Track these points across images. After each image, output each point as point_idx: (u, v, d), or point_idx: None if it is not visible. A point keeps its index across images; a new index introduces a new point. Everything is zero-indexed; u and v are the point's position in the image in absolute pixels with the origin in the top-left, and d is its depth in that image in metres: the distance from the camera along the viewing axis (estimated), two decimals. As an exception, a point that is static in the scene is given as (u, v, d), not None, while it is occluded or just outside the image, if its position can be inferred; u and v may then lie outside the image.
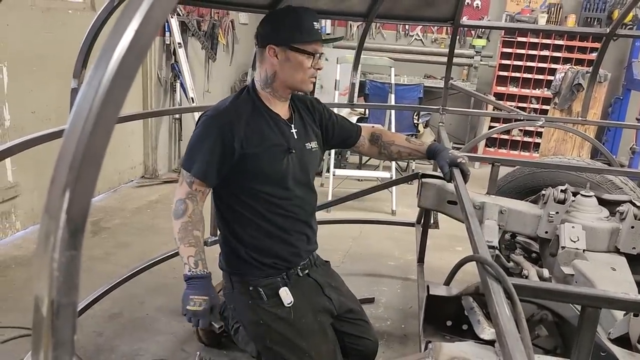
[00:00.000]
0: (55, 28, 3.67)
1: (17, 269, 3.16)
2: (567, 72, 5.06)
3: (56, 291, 0.53)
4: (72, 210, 0.52)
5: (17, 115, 3.42)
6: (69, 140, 0.53)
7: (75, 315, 0.55)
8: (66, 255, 0.53)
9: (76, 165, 0.52)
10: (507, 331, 1.00)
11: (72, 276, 0.53)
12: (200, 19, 5.44)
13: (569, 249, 2.20)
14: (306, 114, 2.16)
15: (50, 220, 0.52)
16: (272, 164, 1.95)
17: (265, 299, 2.05)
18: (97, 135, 0.52)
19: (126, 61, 0.53)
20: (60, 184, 0.52)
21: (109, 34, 0.54)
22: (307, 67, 1.91)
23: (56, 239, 0.52)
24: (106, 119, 0.53)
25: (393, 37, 6.82)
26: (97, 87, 0.52)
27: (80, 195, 0.53)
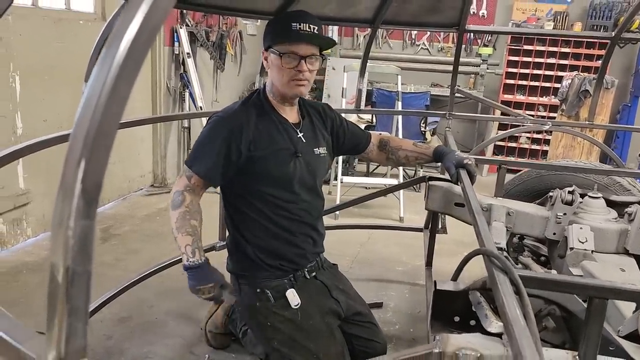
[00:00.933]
0: (67, 38, 3.74)
1: (28, 274, 3.18)
2: (574, 78, 5.06)
3: (71, 259, 0.54)
4: (87, 181, 0.54)
5: (29, 124, 3.47)
6: (83, 114, 0.55)
7: (90, 284, 0.57)
8: (81, 224, 0.54)
9: (90, 138, 0.54)
10: (514, 319, 1.01)
11: (87, 245, 0.55)
12: (208, 29, 5.50)
13: (578, 250, 2.19)
14: (317, 120, 2.17)
15: (66, 190, 0.54)
16: (279, 167, 1.97)
17: (273, 301, 2.06)
18: (110, 110, 0.54)
19: (138, 40, 0.55)
20: (75, 155, 0.54)
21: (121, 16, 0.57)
22: (282, 68, 1.89)
23: (71, 208, 0.54)
24: (119, 95, 0.55)
25: (400, 46, 6.87)
26: (110, 64, 0.54)
27: (94, 166, 0.54)
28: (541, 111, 6.34)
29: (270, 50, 1.92)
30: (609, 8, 6.01)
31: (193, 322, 2.73)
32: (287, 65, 1.88)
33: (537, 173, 2.80)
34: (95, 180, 0.55)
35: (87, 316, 0.57)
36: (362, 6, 2.91)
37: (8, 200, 3.39)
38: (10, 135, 3.36)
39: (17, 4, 3.36)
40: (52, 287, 0.55)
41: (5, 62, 3.27)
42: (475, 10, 6.45)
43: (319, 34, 1.95)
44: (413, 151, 2.32)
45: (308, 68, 1.90)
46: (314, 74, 1.98)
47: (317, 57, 1.94)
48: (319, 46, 1.94)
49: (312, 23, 1.90)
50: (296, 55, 1.87)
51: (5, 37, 3.24)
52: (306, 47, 1.88)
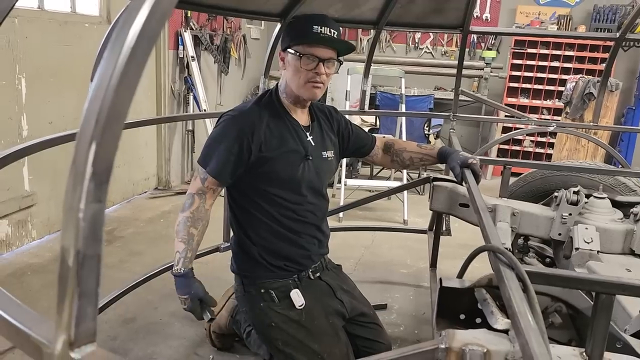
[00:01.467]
0: (72, 41, 3.76)
1: (32, 276, 3.19)
2: (578, 81, 5.05)
3: (82, 242, 0.55)
4: (98, 164, 0.54)
5: (34, 126, 3.49)
6: (95, 96, 0.55)
7: (100, 267, 0.57)
8: (92, 207, 0.55)
9: (102, 121, 0.54)
10: (521, 314, 1.00)
11: (97, 228, 0.55)
12: (213, 33, 5.53)
13: (583, 251, 2.18)
14: (325, 123, 2.18)
15: (77, 174, 0.55)
16: (288, 169, 1.97)
17: (277, 301, 2.06)
18: (121, 92, 0.55)
19: (149, 23, 0.55)
20: (86, 138, 0.54)
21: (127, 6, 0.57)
22: (301, 69, 1.90)
23: (82, 190, 0.54)
24: (130, 77, 0.55)
25: (403, 49, 6.88)
26: (122, 46, 0.54)
27: (105, 149, 0.55)
28: (545, 114, 6.33)
29: (288, 50, 1.92)
30: (612, 11, 6.01)
31: (197, 324, 2.72)
32: (305, 66, 1.89)
33: (542, 174, 2.80)
34: (106, 163, 0.55)
35: (97, 300, 0.57)
36: (366, 7, 2.92)
37: (13, 202, 3.41)
38: (16, 137, 3.38)
39: (23, 7, 3.38)
40: (63, 271, 0.55)
41: (11, 64, 3.29)
42: (479, 14, 6.46)
43: (340, 38, 1.96)
44: (418, 152, 2.33)
45: (325, 71, 1.91)
46: (329, 78, 1.98)
47: (335, 61, 1.95)
48: (337, 50, 1.94)
49: (332, 27, 1.91)
50: (315, 57, 1.88)
51: (11, 40, 3.26)
52: (325, 51, 1.89)
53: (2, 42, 3.20)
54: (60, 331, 0.56)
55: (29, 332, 0.62)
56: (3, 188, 3.33)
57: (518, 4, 6.42)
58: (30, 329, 0.62)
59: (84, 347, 0.56)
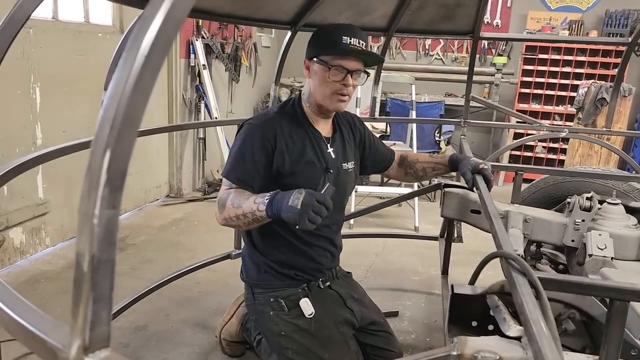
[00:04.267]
0: (86, 50, 3.81)
1: (46, 283, 3.22)
2: (591, 86, 5.02)
3: (97, 247, 0.55)
4: (112, 170, 0.55)
5: (48, 134, 3.53)
6: (110, 103, 0.56)
7: (114, 271, 0.58)
8: (106, 213, 0.56)
9: (117, 127, 0.55)
10: (534, 320, 0.99)
11: (112, 233, 0.56)
12: (224, 41, 5.57)
13: (597, 257, 2.16)
14: (347, 133, 2.16)
15: (92, 179, 0.55)
16: (308, 182, 1.89)
17: (287, 310, 2.06)
18: (135, 99, 0.56)
19: (163, 31, 0.56)
20: (101, 144, 0.55)
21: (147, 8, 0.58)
22: (328, 80, 1.87)
23: (97, 196, 0.55)
24: (145, 82, 0.56)
25: (413, 56, 6.88)
26: (136, 54, 0.55)
27: (119, 155, 0.56)
28: (557, 120, 6.29)
29: (316, 60, 1.88)
30: (624, 16, 5.97)
31: (209, 331, 2.73)
32: (333, 77, 1.86)
33: (554, 180, 2.78)
34: (121, 170, 0.56)
35: (111, 304, 0.58)
36: (377, 14, 2.93)
37: (27, 209, 3.45)
38: (30, 145, 3.42)
39: (38, 17, 3.43)
40: (78, 275, 0.56)
41: (26, 73, 3.34)
42: (490, 20, 6.45)
43: (370, 50, 1.94)
44: (430, 162, 2.32)
45: (353, 83, 1.89)
46: (354, 90, 1.95)
47: (362, 73, 1.92)
48: (364, 61, 1.92)
49: (361, 39, 1.88)
50: (343, 69, 1.85)
51: (26, 50, 3.31)
52: (354, 62, 1.86)
53: (17, 52, 3.24)
54: (75, 336, 0.57)
55: (44, 337, 0.62)
56: (17, 196, 3.36)
57: (529, 9, 6.40)
58: (46, 334, 0.63)
59: (98, 352, 0.57)
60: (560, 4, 6.36)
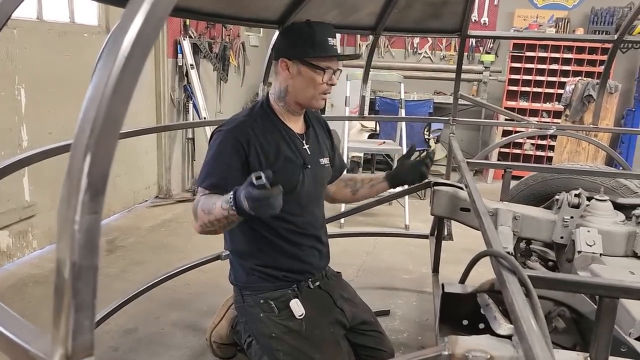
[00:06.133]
0: (71, 51, 3.77)
1: (34, 287, 3.18)
2: (577, 84, 5.05)
3: (78, 253, 0.54)
4: (93, 173, 0.54)
5: (34, 136, 3.49)
6: (90, 105, 0.55)
7: (96, 278, 0.57)
8: (87, 218, 0.54)
9: (97, 130, 0.54)
10: (524, 318, 0.99)
11: (93, 239, 0.55)
12: (211, 41, 5.54)
13: (586, 254, 2.17)
14: (319, 129, 2.17)
15: (72, 184, 0.54)
16: (287, 179, 1.90)
17: (277, 312, 2.04)
18: (116, 99, 0.54)
19: (144, 30, 0.55)
20: (81, 148, 0.54)
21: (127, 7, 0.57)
22: (318, 82, 1.88)
23: (77, 201, 0.53)
24: (125, 84, 0.55)
25: (402, 55, 6.89)
26: (117, 55, 0.54)
27: (100, 158, 0.54)
28: (545, 117, 6.33)
29: (303, 61, 1.87)
30: (610, 13, 6.02)
31: (199, 333, 2.71)
32: (326, 80, 1.89)
33: (543, 177, 2.79)
34: (102, 174, 0.55)
35: (93, 312, 0.56)
36: (364, 13, 2.92)
37: (14, 212, 3.40)
38: (16, 147, 3.38)
39: (22, 17, 3.39)
40: (59, 283, 0.55)
41: (10, 75, 3.30)
42: (477, 18, 6.48)
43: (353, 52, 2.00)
44: (367, 177, 2.33)
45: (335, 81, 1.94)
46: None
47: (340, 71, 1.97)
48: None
49: (335, 37, 1.92)
50: (331, 70, 1.89)
51: (10, 51, 3.27)
52: (335, 62, 1.91)
53: (1, 53, 3.20)
54: (57, 345, 0.55)
55: (26, 347, 0.61)
56: (3, 199, 3.32)
57: (516, 7, 6.44)
58: (29, 343, 0.61)
59: (82, 361, 0.55)
60: (546, 1, 6.40)
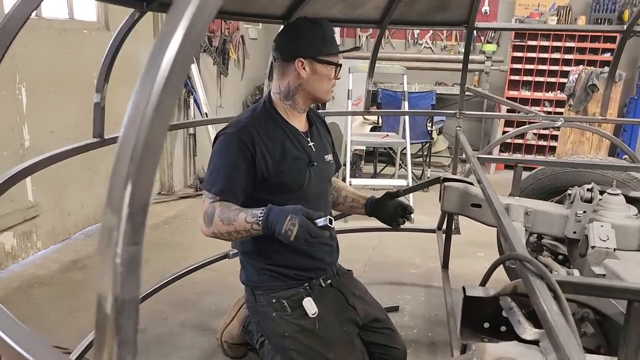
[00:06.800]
0: (71, 48, 3.72)
1: (40, 288, 3.16)
2: (581, 73, 5.02)
3: (120, 287, 0.51)
4: (135, 203, 0.51)
5: (36, 135, 3.45)
6: (128, 131, 0.52)
7: (138, 311, 0.54)
8: (129, 250, 0.52)
9: (137, 157, 0.51)
10: (558, 327, 0.97)
11: (135, 271, 0.52)
12: (211, 34, 5.48)
13: (599, 249, 2.15)
14: (321, 127, 2.18)
15: (113, 214, 0.51)
16: (295, 178, 1.94)
17: (289, 311, 2.02)
18: (156, 124, 0.51)
19: (183, 49, 0.52)
20: (121, 176, 0.51)
21: (164, 26, 0.54)
22: (331, 78, 1.95)
23: (119, 233, 0.51)
24: (165, 108, 0.52)
25: (402, 45, 6.84)
26: (156, 76, 0.51)
27: (141, 187, 0.52)
28: (547, 107, 6.29)
29: (317, 59, 1.91)
30: (612, 1, 5.97)
31: (209, 333, 2.70)
32: (337, 75, 1.96)
33: (552, 171, 2.76)
34: (143, 202, 0.52)
35: (136, 347, 0.54)
36: (369, 7, 2.88)
37: (17, 213, 3.37)
38: (18, 148, 3.34)
39: (20, 15, 3.33)
40: (100, 318, 0.52)
41: (11, 74, 3.25)
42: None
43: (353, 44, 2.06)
44: (352, 193, 2.31)
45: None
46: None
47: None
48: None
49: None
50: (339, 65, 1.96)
51: (10, 49, 3.20)
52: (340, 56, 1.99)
53: (1, 52, 3.15)
54: (99, 381, 0.53)
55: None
56: (7, 200, 3.28)
57: (517, -4, 6.38)
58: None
59: (125, 397, 0.53)
60: (548, -11, 6.35)
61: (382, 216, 2.19)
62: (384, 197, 2.20)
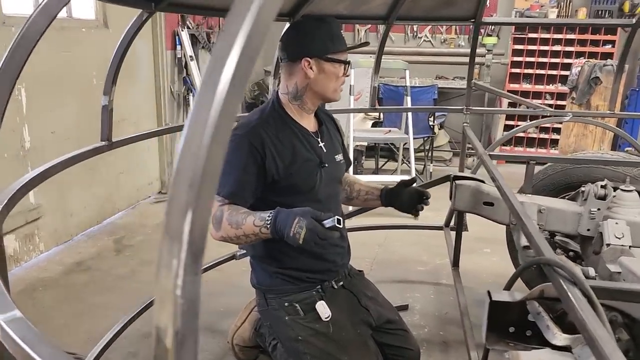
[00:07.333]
0: (70, 46, 3.66)
1: (44, 291, 3.12)
2: (584, 66, 5.00)
3: (180, 321, 0.48)
4: (195, 232, 0.48)
5: (36, 136, 3.40)
6: (186, 155, 0.48)
7: (198, 343, 0.51)
8: (189, 281, 0.49)
9: (196, 183, 0.48)
10: (601, 337, 0.95)
11: (195, 303, 0.50)
12: (209, 30, 5.42)
13: (615, 246, 2.13)
14: (331, 126, 2.14)
15: (173, 244, 0.48)
16: (306, 179, 1.90)
17: (302, 314, 1.99)
18: (215, 148, 0.48)
19: (240, 66, 0.49)
20: (181, 203, 0.48)
21: (217, 42, 0.50)
22: (339, 76, 1.89)
23: (179, 264, 0.48)
24: (223, 130, 0.49)
25: (401, 39, 6.79)
26: (213, 98, 0.48)
27: (200, 215, 0.48)
28: (548, 99, 6.27)
29: (326, 58, 1.86)
30: (612, -8, 5.94)
31: (218, 335, 2.67)
32: (344, 73, 1.90)
33: (563, 167, 2.74)
34: (202, 231, 0.49)
35: (195, 381, 0.51)
36: (376, 3, 2.84)
37: (19, 215, 3.32)
38: (19, 149, 3.28)
39: (18, 14, 3.28)
40: (159, 352, 0.49)
41: (10, 74, 3.19)
42: (477, 1, 6.37)
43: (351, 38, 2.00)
44: (365, 186, 2.28)
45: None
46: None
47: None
48: None
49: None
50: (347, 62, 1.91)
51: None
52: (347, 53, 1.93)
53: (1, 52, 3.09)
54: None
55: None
56: (8, 202, 3.24)
57: (516, -12, 6.34)
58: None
59: None
60: (547, -19, 6.31)
61: (399, 205, 2.15)
62: (399, 185, 2.17)
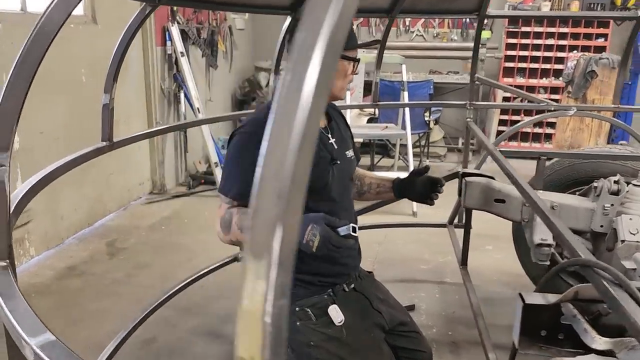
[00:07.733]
0: (59, 43, 3.49)
1: (38, 298, 3.00)
2: (580, 59, 4.98)
3: (270, 351, 0.41)
4: (284, 251, 0.41)
5: (25, 137, 3.28)
6: (270, 162, 0.41)
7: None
8: (278, 306, 0.41)
9: (285, 193, 0.41)
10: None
11: (283, 330, 0.42)
12: (199, 26, 5.31)
13: (629, 242, 2.09)
14: (340, 121, 2.07)
15: (259, 264, 0.41)
16: (318, 177, 1.81)
17: (314, 319, 1.92)
18: (304, 151, 0.41)
19: (326, 63, 0.42)
20: (268, 217, 0.41)
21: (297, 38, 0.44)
22: (349, 73, 1.83)
23: (269, 288, 0.41)
24: (312, 130, 0.42)
25: (393, 33, 6.72)
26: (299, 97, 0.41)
27: (290, 229, 0.41)
28: (542, 93, 6.25)
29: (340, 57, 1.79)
30: (604, -14, 5.94)
31: (221, 339, 2.59)
32: (353, 70, 1.84)
33: (570, 162, 2.70)
34: (291, 249, 0.42)
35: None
36: (379, -5, 2.77)
37: (9, 219, 3.20)
38: (8, 150, 3.16)
39: (6, 10, 3.16)
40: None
41: (-3, 73, 3.07)
42: (469, -5, 6.33)
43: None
44: (376, 178, 2.23)
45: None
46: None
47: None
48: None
49: None
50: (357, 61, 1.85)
51: (-3, 46, 3.04)
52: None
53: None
54: None
55: None
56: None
57: (509, -19, 6.31)
58: None
59: None
60: (539, -26, 6.28)
61: (413, 195, 2.09)
62: (411, 175, 2.10)
